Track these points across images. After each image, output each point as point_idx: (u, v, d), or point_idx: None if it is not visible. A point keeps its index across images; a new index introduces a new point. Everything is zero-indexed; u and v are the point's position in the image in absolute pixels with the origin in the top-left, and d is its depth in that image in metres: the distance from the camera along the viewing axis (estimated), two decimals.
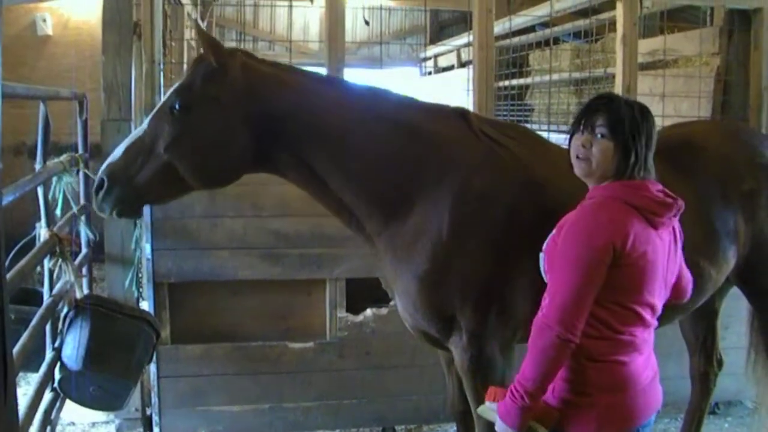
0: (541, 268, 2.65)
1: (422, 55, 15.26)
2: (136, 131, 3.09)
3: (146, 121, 3.07)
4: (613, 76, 6.02)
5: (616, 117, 2.50)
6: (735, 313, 4.65)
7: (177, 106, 2.94)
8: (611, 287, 2.43)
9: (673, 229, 2.60)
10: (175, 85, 3.06)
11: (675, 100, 5.98)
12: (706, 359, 4.33)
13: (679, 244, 2.66)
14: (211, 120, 2.97)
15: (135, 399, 4.52)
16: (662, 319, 2.70)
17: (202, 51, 3.03)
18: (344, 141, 3.07)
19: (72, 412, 4.61)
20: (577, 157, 2.58)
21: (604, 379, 2.49)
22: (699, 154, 3.53)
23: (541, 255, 2.64)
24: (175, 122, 2.95)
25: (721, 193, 3.50)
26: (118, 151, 3.04)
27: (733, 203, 3.52)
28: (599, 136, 2.51)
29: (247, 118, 2.99)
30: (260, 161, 3.13)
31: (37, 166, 3.98)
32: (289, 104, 3.03)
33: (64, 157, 4.35)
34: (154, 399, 4.64)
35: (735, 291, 4.02)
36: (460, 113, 3.28)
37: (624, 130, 2.48)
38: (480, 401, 3.06)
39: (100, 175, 3.01)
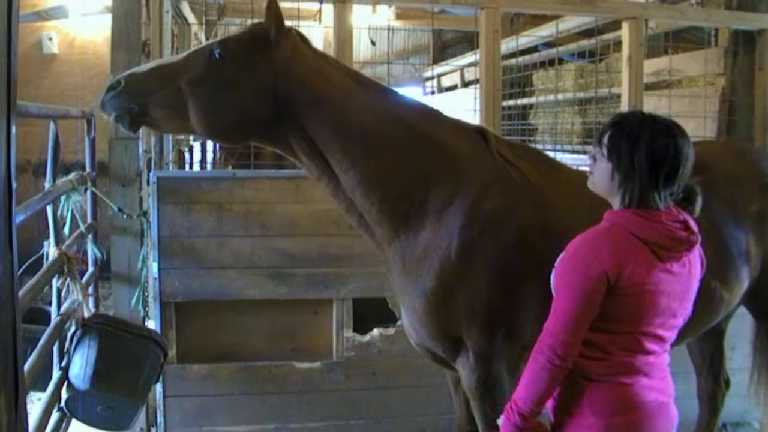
0: (552, 286, 2.64)
1: (425, 75, 15.30)
2: (171, 58, 3.20)
3: (184, 54, 3.13)
4: (618, 96, 6.06)
5: (617, 140, 2.45)
6: (742, 333, 4.62)
7: (216, 54, 2.98)
8: (607, 316, 2.41)
9: (689, 260, 2.52)
10: (225, 37, 3.14)
11: (680, 120, 5.96)
12: (713, 379, 4.31)
13: (698, 275, 2.60)
14: (241, 78, 2.99)
15: (140, 418, 4.48)
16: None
17: (264, 19, 3.04)
18: (366, 141, 3.07)
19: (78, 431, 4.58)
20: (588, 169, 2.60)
21: (603, 400, 2.47)
22: (708, 174, 3.45)
23: (553, 272, 2.63)
24: (208, 65, 3.00)
25: (732, 214, 3.48)
26: (145, 66, 3.13)
27: (744, 224, 3.51)
28: (603, 154, 2.50)
29: (275, 92, 3.00)
30: (273, 135, 3.14)
31: (47, 185, 3.98)
32: (319, 96, 3.04)
33: (72, 176, 4.35)
34: (160, 418, 4.61)
35: (741, 311, 4.00)
36: (481, 132, 3.29)
37: (622, 156, 2.43)
38: (487, 421, 3.08)
39: (119, 76, 3.05)
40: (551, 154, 4.57)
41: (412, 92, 15.32)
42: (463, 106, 9.05)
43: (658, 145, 2.40)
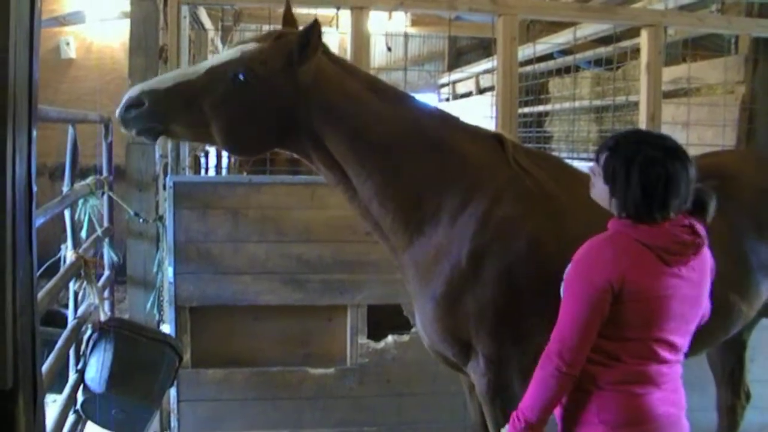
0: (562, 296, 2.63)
1: (440, 82, 15.28)
2: (190, 72, 3.04)
3: (204, 68, 3.01)
4: (635, 104, 6.03)
5: (611, 165, 2.46)
6: (760, 345, 4.58)
7: (241, 77, 2.92)
8: (616, 323, 2.41)
9: (699, 265, 2.50)
10: (248, 53, 2.98)
11: (699, 129, 5.97)
12: (733, 392, 4.25)
13: (709, 280, 2.58)
14: (264, 101, 2.96)
15: (154, 422, 4.49)
16: (688, 352, 2.66)
17: (299, 39, 2.93)
18: (383, 154, 3.06)
19: None
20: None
21: (612, 410, 2.45)
22: (732, 184, 3.41)
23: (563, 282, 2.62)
24: (232, 89, 2.93)
25: (755, 225, 3.42)
26: (165, 82, 3.00)
27: (767, 235, 3.46)
28: (600, 174, 2.52)
29: (296, 112, 2.99)
30: (292, 148, 3.17)
31: (65, 189, 4.00)
32: (338, 113, 3.03)
33: (90, 180, 4.37)
34: (174, 422, 4.61)
35: (762, 322, 3.96)
36: (498, 138, 3.28)
37: (616, 180, 2.45)
38: (499, 427, 3.07)
39: (140, 95, 2.94)
40: (567, 161, 4.56)
41: (426, 99, 15.30)
42: (479, 113, 9.04)
43: (650, 172, 2.39)
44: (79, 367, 3.97)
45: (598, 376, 2.46)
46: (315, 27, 2.90)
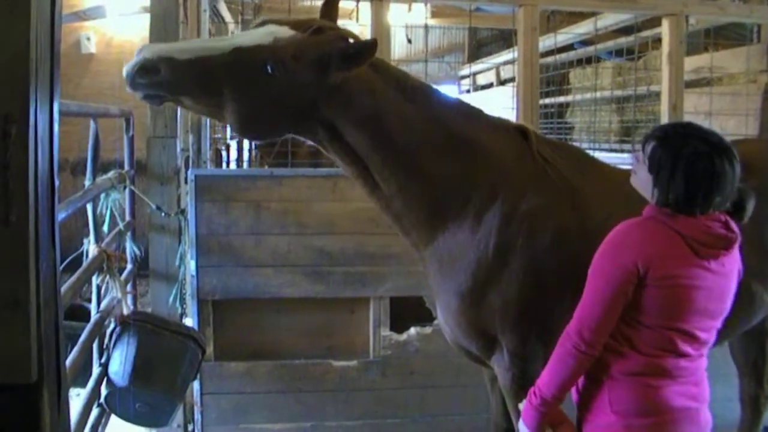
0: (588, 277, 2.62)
1: (461, 73, 15.24)
2: (213, 46, 2.79)
3: (230, 46, 2.75)
4: (657, 94, 5.98)
5: (659, 156, 2.44)
6: None
7: (269, 69, 2.72)
8: (639, 308, 2.40)
9: (729, 261, 2.47)
10: (281, 42, 2.76)
11: (721, 118, 5.91)
12: (756, 382, 4.21)
13: (737, 277, 2.55)
14: (290, 95, 2.80)
15: (178, 415, 4.51)
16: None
17: (348, 51, 2.77)
18: (408, 154, 2.99)
19: (116, 427, 4.62)
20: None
21: (625, 400, 2.45)
22: (754, 173, 3.26)
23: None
24: (258, 78, 2.74)
25: None
26: (185, 52, 2.73)
27: None
28: (645, 163, 2.49)
29: (319, 107, 2.87)
30: (311, 137, 3.04)
31: (87, 183, 4.02)
32: (362, 114, 2.91)
33: (111, 174, 4.39)
34: (197, 415, 4.64)
35: None
36: (522, 131, 3.23)
37: (661, 172, 2.42)
38: None
39: (157, 62, 2.67)
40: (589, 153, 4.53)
41: (447, 90, 15.23)
42: (500, 104, 9.01)
43: (697, 166, 2.36)
44: (103, 360, 4.00)
45: (614, 365, 2.46)
46: (372, 48, 2.78)
